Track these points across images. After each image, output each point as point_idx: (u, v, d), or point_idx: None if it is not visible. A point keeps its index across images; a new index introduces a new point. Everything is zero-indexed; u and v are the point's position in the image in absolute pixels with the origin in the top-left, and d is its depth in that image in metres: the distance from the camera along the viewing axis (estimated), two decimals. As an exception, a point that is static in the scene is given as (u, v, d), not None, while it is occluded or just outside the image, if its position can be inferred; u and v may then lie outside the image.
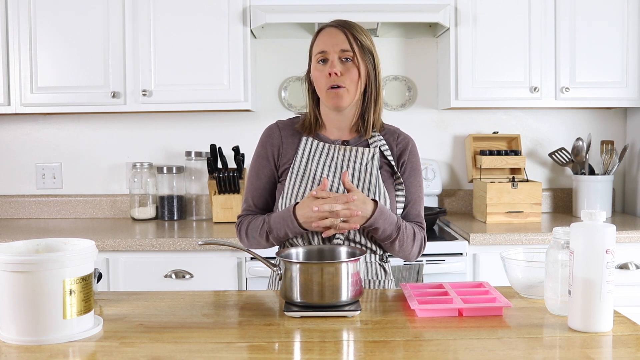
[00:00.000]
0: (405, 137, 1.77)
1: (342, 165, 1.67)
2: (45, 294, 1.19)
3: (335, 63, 1.63)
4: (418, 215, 1.74)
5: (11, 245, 1.29)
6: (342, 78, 1.63)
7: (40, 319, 1.19)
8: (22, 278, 1.18)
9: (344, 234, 1.63)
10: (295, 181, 1.66)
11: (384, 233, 1.61)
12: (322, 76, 1.64)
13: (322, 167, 1.67)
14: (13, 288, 1.19)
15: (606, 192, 2.91)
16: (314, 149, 1.70)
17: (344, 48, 1.63)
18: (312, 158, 1.69)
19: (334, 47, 1.63)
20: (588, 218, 1.23)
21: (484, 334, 1.24)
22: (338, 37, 1.64)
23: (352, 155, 1.68)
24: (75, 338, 1.22)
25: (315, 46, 1.68)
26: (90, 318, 1.27)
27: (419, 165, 1.76)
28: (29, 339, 1.19)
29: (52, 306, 1.19)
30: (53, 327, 1.20)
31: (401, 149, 1.74)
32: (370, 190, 1.65)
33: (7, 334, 1.21)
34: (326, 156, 1.69)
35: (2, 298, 1.20)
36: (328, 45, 1.64)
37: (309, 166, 1.67)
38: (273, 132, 1.75)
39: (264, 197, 1.74)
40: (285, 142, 1.72)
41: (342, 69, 1.63)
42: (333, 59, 1.63)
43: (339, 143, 1.71)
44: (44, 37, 2.75)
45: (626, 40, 2.80)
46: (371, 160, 1.68)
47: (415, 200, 1.73)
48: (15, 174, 3.15)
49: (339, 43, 1.63)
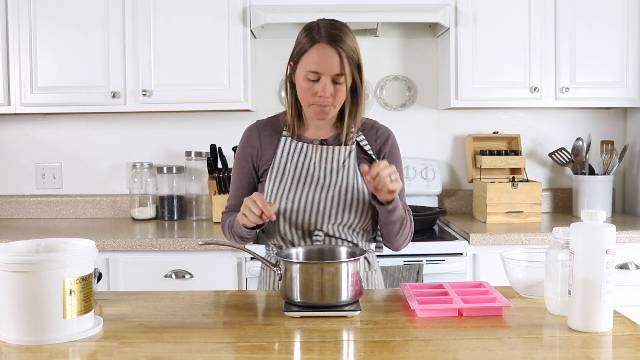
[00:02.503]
0: (384, 131, 1.76)
1: (319, 165, 1.68)
2: (45, 294, 1.19)
3: (328, 86, 1.60)
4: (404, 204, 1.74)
5: (11, 245, 1.29)
6: (332, 99, 1.62)
7: (40, 319, 1.19)
8: (22, 278, 1.18)
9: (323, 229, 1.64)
10: (275, 181, 1.67)
11: (399, 212, 1.61)
12: (310, 92, 1.62)
13: (300, 168, 1.68)
14: (13, 288, 1.19)
15: (606, 192, 2.91)
16: (292, 149, 1.70)
17: (339, 72, 1.60)
18: (290, 158, 1.69)
19: (329, 71, 1.60)
20: (588, 218, 1.23)
21: (484, 334, 1.24)
22: (333, 60, 1.59)
23: (328, 154, 1.68)
24: (75, 338, 1.22)
25: (306, 60, 1.62)
26: (90, 318, 1.27)
27: (399, 156, 1.76)
28: (29, 339, 1.19)
29: (52, 306, 1.20)
30: (53, 327, 1.20)
31: (381, 143, 1.74)
32: (348, 187, 1.65)
33: (7, 333, 1.21)
34: (304, 156, 1.69)
35: (2, 298, 1.20)
36: (322, 67, 1.60)
37: (287, 167, 1.68)
38: (252, 134, 1.76)
39: (244, 196, 1.72)
40: (264, 143, 1.73)
41: (332, 90, 1.61)
42: (326, 82, 1.60)
43: (317, 142, 1.71)
44: (44, 37, 2.75)
45: (626, 40, 2.80)
46: (348, 157, 1.68)
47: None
48: (15, 174, 3.15)
49: (334, 67, 1.59)
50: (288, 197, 1.65)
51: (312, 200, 1.64)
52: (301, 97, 1.65)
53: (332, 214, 1.64)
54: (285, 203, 1.64)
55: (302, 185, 1.66)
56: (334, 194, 1.64)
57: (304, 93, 1.64)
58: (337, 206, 1.64)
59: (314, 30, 1.63)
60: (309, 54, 1.62)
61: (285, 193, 1.65)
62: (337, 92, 1.62)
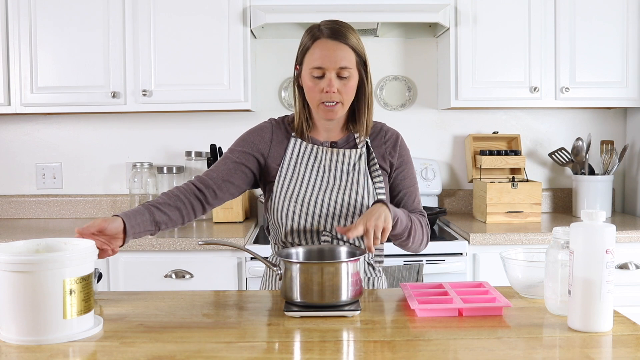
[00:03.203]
0: (392, 133, 1.75)
1: (329, 168, 1.67)
2: (45, 294, 1.19)
3: (334, 81, 1.58)
4: (418, 205, 1.75)
5: (11, 245, 1.29)
6: (339, 95, 1.60)
7: (40, 318, 1.19)
8: (23, 278, 1.18)
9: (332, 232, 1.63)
10: (284, 183, 1.66)
11: (402, 224, 1.57)
12: (317, 90, 1.60)
13: (310, 170, 1.67)
14: (13, 288, 1.19)
15: (606, 192, 2.91)
16: (302, 151, 1.69)
17: (343, 65, 1.58)
18: (300, 160, 1.68)
19: (333, 65, 1.58)
20: (588, 218, 1.23)
21: (484, 334, 1.24)
22: (336, 52, 1.58)
23: (339, 157, 1.68)
24: (75, 338, 1.22)
25: (310, 57, 1.61)
26: (91, 318, 1.27)
27: (409, 157, 1.76)
28: (29, 338, 1.19)
29: (52, 306, 1.20)
30: (53, 327, 1.20)
31: (390, 146, 1.72)
32: (358, 191, 1.64)
33: (7, 333, 1.21)
34: (314, 159, 1.68)
35: (3, 298, 1.20)
36: (326, 61, 1.58)
37: (297, 168, 1.67)
38: (266, 128, 1.73)
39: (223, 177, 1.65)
40: (275, 140, 1.71)
41: (339, 85, 1.59)
42: (331, 77, 1.58)
43: (327, 145, 1.70)
44: (44, 37, 2.75)
45: (626, 40, 2.80)
46: (358, 160, 1.68)
47: (412, 191, 1.74)
48: (15, 174, 3.15)
49: (338, 60, 1.57)
50: (297, 199, 1.63)
51: (321, 202, 1.63)
52: (309, 97, 1.64)
53: (341, 217, 1.63)
54: (294, 205, 1.63)
55: (311, 188, 1.65)
56: (344, 197, 1.64)
57: (310, 92, 1.62)
58: (346, 209, 1.63)
59: (315, 29, 1.63)
60: (311, 51, 1.61)
61: (294, 194, 1.64)
62: (344, 87, 1.60)
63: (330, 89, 1.58)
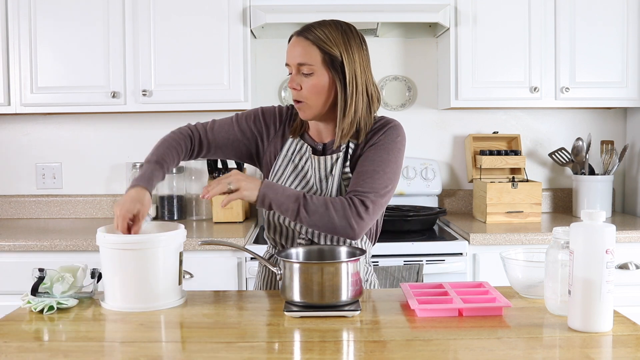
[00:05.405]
0: (386, 122, 1.65)
1: (312, 172, 1.64)
2: (166, 265, 1.46)
3: (293, 77, 1.58)
4: (357, 185, 1.54)
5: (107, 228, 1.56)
6: (301, 93, 1.57)
7: (160, 286, 1.44)
8: (143, 254, 1.44)
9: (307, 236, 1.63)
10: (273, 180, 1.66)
11: (282, 206, 1.49)
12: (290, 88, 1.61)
13: (297, 173, 1.65)
14: (129, 263, 1.43)
15: (606, 192, 2.91)
16: (295, 152, 1.67)
17: (301, 62, 1.55)
18: (292, 159, 1.66)
19: (292, 60, 1.57)
20: (588, 218, 1.23)
21: (484, 334, 1.24)
22: (296, 48, 1.57)
23: (320, 163, 1.64)
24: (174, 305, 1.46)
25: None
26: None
27: (388, 143, 1.59)
28: (141, 305, 1.42)
29: (171, 274, 1.47)
30: (170, 292, 1.46)
31: (373, 133, 1.62)
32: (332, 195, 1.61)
33: (114, 302, 1.44)
34: (305, 162, 1.65)
35: (114, 272, 1.44)
36: (289, 57, 1.58)
37: (287, 168, 1.66)
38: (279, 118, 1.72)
39: (222, 135, 1.69)
40: (279, 133, 1.71)
41: (301, 81, 1.57)
42: (293, 73, 1.58)
43: (320, 146, 1.67)
44: (44, 37, 2.75)
45: (626, 41, 2.80)
46: (335, 163, 1.62)
47: (364, 172, 1.55)
48: (15, 174, 3.15)
49: (296, 56, 1.56)
50: None
51: None
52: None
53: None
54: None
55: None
56: None
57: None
58: None
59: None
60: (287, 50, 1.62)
61: None
62: (307, 84, 1.56)
63: (290, 84, 1.59)
